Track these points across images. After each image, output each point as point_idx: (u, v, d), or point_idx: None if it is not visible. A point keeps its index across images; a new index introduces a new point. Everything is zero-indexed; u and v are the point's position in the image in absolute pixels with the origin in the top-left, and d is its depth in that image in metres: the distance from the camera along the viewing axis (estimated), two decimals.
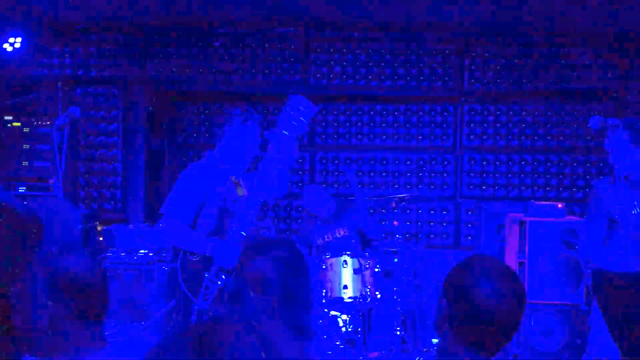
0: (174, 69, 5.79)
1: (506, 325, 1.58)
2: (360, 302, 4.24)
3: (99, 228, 5.26)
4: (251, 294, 1.85)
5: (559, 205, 4.39)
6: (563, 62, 5.65)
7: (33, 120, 5.45)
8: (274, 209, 6.09)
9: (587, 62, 5.64)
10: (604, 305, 1.40)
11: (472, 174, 5.98)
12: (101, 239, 5.14)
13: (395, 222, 4.60)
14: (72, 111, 3.23)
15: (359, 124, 6.04)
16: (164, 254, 5.20)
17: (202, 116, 6.14)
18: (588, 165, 5.86)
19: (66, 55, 5.73)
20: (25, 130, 5.47)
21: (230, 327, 0.86)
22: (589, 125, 3.46)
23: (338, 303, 4.27)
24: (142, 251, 4.90)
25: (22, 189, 4.97)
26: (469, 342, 1.58)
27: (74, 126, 3.35)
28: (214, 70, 5.81)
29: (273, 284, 1.86)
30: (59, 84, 5.61)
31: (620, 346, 1.50)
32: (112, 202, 5.81)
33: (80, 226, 5.02)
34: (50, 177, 5.17)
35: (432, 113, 6.00)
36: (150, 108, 5.90)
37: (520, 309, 1.61)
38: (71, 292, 1.63)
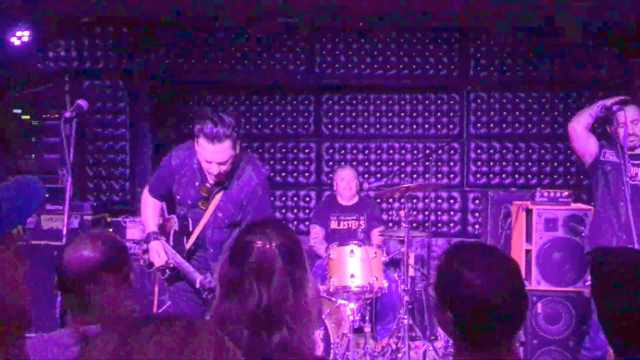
0: (179, 61, 5.81)
1: (509, 311, 1.51)
2: (367, 291, 4.27)
3: (108, 219, 5.31)
4: (254, 286, 1.74)
5: (565, 193, 4.39)
6: (569, 51, 5.62)
7: (42, 113, 5.51)
8: (281, 199, 6.12)
9: (590, 52, 5.60)
10: (601, 290, 1.37)
11: (479, 163, 5.98)
12: (110, 230, 5.19)
13: (402, 212, 4.61)
14: (79, 104, 3.25)
15: (365, 113, 6.05)
16: None
17: (208, 107, 6.17)
18: None
19: (72, 49, 5.76)
20: (35, 123, 5.53)
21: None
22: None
23: (345, 292, 4.30)
24: None
25: None
26: (480, 341, 1.51)
27: (81, 119, 3.37)
28: (218, 61, 5.82)
29: (279, 273, 1.76)
30: (66, 77, 5.66)
31: (614, 342, 1.44)
32: (121, 193, 5.86)
33: (89, 217, 5.09)
34: (60, 169, 5.23)
35: (439, 102, 6.00)
36: (156, 100, 5.93)
37: (520, 288, 1.54)
38: None
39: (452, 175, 6.01)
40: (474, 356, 1.53)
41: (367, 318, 4.39)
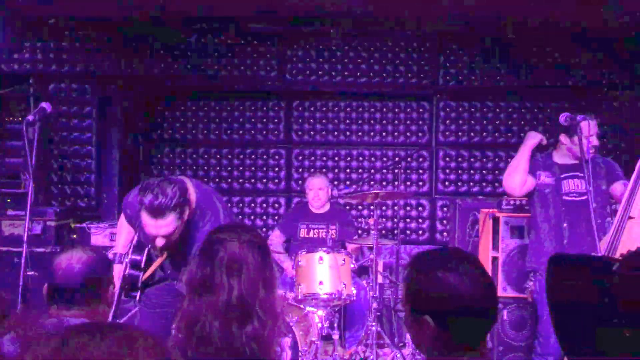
0: (149, 65, 5.74)
1: (487, 303, 1.53)
2: (336, 298, 4.26)
3: (72, 225, 5.20)
4: (225, 279, 1.78)
5: None
6: (536, 59, 5.72)
7: (5, 116, 5.38)
8: (250, 205, 6.08)
9: (559, 60, 5.72)
10: (554, 294, 1.38)
11: (447, 171, 6.03)
12: (75, 236, 5.09)
13: (371, 220, 4.62)
14: (42, 107, 3.18)
15: (336, 120, 6.06)
16: None
17: (177, 112, 6.11)
18: None
19: (38, 51, 5.65)
20: None
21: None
22: (558, 122, 3.54)
23: (314, 299, 4.28)
24: None
25: None
26: (461, 343, 1.51)
27: (45, 122, 3.30)
28: (189, 66, 5.77)
29: (249, 267, 1.81)
30: (31, 79, 5.54)
31: (568, 345, 1.46)
32: (86, 199, 5.75)
33: (53, 223, 4.98)
34: (22, 173, 5.11)
35: (408, 110, 6.04)
36: (125, 104, 5.85)
37: (490, 280, 1.57)
38: None
39: (420, 183, 6.05)
40: (456, 358, 1.53)
41: (335, 325, 4.38)
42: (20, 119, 5.16)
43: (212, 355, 1.70)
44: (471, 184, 6.01)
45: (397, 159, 5.98)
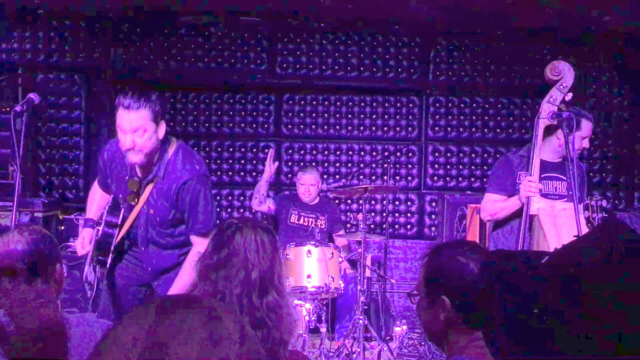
0: (139, 57, 5.72)
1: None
2: (324, 291, 4.28)
3: (60, 217, 5.19)
4: (242, 260, 1.87)
5: None
6: (525, 57, 5.77)
7: None
8: (239, 198, 6.08)
9: (547, 58, 5.76)
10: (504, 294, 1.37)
11: (436, 166, 6.06)
12: (62, 227, 5.07)
13: (359, 215, 4.64)
14: (31, 97, 3.16)
15: (325, 114, 6.07)
16: None
17: (168, 105, 6.08)
18: None
19: (27, 41, 5.61)
20: None
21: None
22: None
23: (302, 292, 4.30)
24: None
25: None
26: (475, 326, 1.60)
27: (33, 113, 3.28)
28: (179, 58, 5.76)
29: (266, 248, 1.92)
30: (20, 69, 5.50)
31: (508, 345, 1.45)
32: (74, 190, 5.73)
33: (40, 214, 4.96)
34: (10, 164, 5.08)
35: (398, 105, 6.06)
36: (114, 96, 5.82)
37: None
38: None
39: (409, 178, 6.08)
40: (472, 335, 1.63)
41: (323, 318, 4.40)
42: (8, 109, 5.13)
43: None
44: (459, 179, 6.04)
45: (386, 153, 6.00)
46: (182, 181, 2.92)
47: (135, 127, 2.80)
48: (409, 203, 6.08)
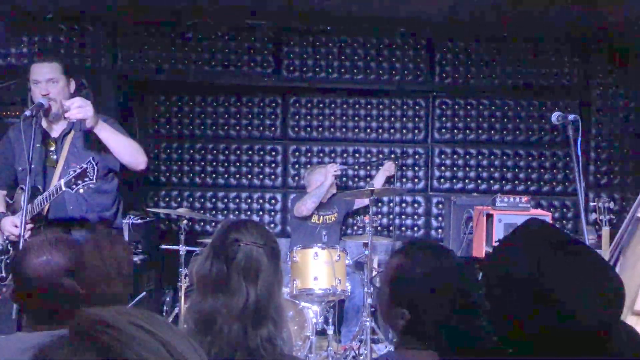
0: (145, 60, 5.75)
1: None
2: (331, 293, 4.29)
3: None
4: (242, 283, 1.76)
5: (525, 199, 4.49)
6: (531, 59, 5.78)
7: (2, 110, 5.38)
8: (246, 201, 6.10)
9: (552, 59, 5.77)
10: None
11: (442, 168, 6.06)
12: None
13: (366, 217, 4.66)
14: (40, 102, 3.20)
15: (332, 117, 6.08)
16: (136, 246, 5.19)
17: (175, 107, 6.12)
18: (555, 159, 5.99)
19: (35, 45, 5.65)
20: None
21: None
22: (551, 120, 3.55)
23: (309, 294, 4.31)
24: None
25: None
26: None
27: (42, 117, 3.32)
28: (185, 61, 5.79)
29: (265, 273, 1.80)
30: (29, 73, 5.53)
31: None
32: None
33: None
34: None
35: (404, 107, 6.06)
36: (121, 99, 5.85)
37: None
38: None
39: (416, 180, 6.08)
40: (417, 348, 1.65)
41: (330, 320, 4.41)
42: (17, 113, 5.17)
43: (227, 354, 1.72)
44: (466, 181, 6.04)
45: (393, 155, 6.01)
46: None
47: (49, 78, 3.25)
48: (415, 205, 6.08)
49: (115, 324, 0.70)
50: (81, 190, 3.00)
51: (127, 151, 3.23)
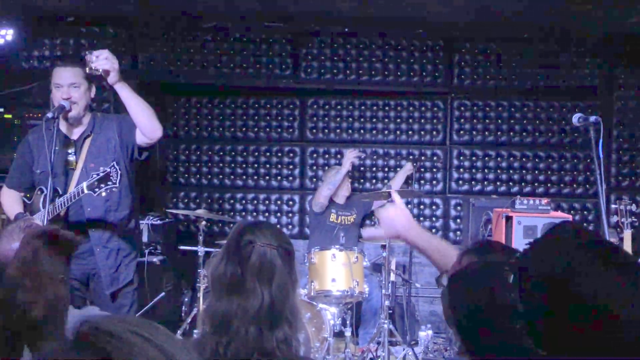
0: (164, 62, 5.81)
1: None
2: (348, 295, 4.29)
3: None
4: (257, 285, 1.76)
5: (545, 201, 4.45)
6: (551, 60, 5.72)
7: (24, 112, 5.47)
8: (264, 202, 6.13)
9: (574, 60, 5.72)
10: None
11: (461, 170, 6.03)
12: None
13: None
14: (62, 104, 3.25)
15: (350, 118, 6.08)
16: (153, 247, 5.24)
17: (194, 109, 6.16)
18: (575, 161, 5.92)
19: (57, 47, 5.73)
20: (17, 122, 5.48)
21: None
22: (572, 122, 3.51)
23: (326, 296, 4.32)
24: None
25: None
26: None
27: (60, 119, 3.38)
28: (204, 63, 5.83)
29: (280, 274, 1.80)
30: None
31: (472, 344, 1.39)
32: None
33: None
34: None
35: (422, 109, 6.05)
36: None
37: None
38: None
39: (434, 182, 6.05)
40: None
41: (347, 322, 4.41)
42: (39, 115, 5.25)
43: (243, 355, 1.73)
44: (485, 183, 6.00)
45: (411, 157, 5.99)
46: (116, 124, 3.44)
47: (71, 82, 3.32)
48: (433, 207, 6.06)
49: (116, 332, 0.73)
50: (103, 194, 3.05)
51: (146, 113, 3.33)
